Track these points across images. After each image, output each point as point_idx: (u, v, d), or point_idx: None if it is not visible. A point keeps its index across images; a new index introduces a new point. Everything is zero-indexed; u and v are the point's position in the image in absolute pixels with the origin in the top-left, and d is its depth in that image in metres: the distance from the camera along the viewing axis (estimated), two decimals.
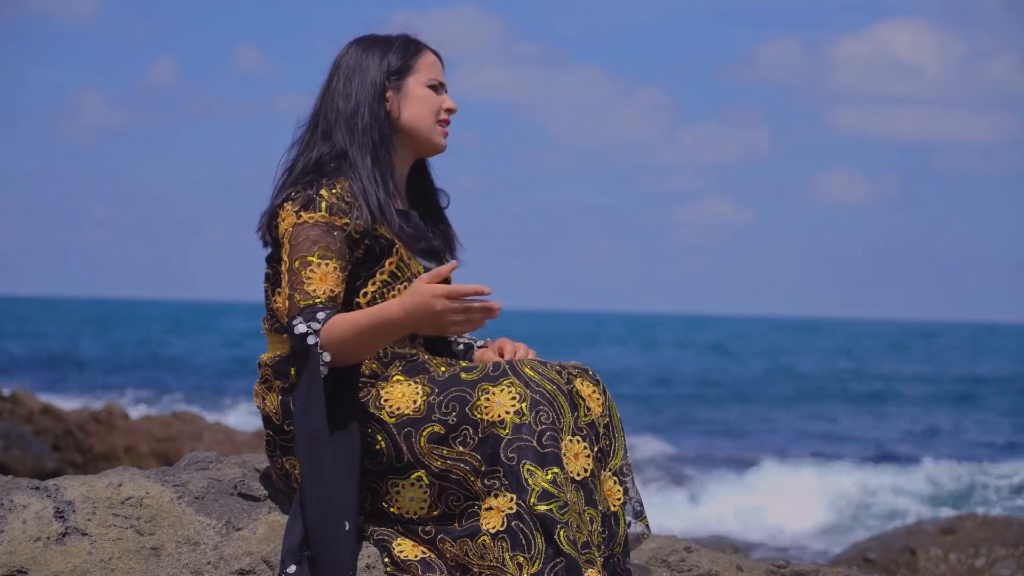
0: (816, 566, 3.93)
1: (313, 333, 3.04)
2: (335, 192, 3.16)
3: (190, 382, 30.22)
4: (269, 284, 3.26)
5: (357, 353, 3.08)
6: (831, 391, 33.34)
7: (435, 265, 3.32)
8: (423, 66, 3.34)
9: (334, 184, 3.18)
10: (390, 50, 3.33)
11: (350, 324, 3.04)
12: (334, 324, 3.04)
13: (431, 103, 3.33)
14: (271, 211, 3.23)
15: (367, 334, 3.05)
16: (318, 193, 3.15)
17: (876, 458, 18.42)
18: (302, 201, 3.15)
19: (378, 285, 3.20)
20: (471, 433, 3.04)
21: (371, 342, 3.07)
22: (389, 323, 3.04)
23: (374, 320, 3.04)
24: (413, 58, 3.34)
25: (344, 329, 3.04)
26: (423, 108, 3.32)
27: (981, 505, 14.17)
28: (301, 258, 3.10)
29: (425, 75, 3.34)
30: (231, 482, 3.39)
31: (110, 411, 14.38)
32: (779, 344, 65.48)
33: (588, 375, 3.19)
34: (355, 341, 3.05)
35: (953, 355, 56.95)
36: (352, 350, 3.06)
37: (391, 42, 3.35)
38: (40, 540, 3.17)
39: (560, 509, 2.97)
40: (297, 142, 3.31)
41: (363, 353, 3.09)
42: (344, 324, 3.04)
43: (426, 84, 3.33)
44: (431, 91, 3.34)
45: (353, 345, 3.05)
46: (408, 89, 3.32)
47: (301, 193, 3.17)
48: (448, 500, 3.06)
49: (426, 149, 3.35)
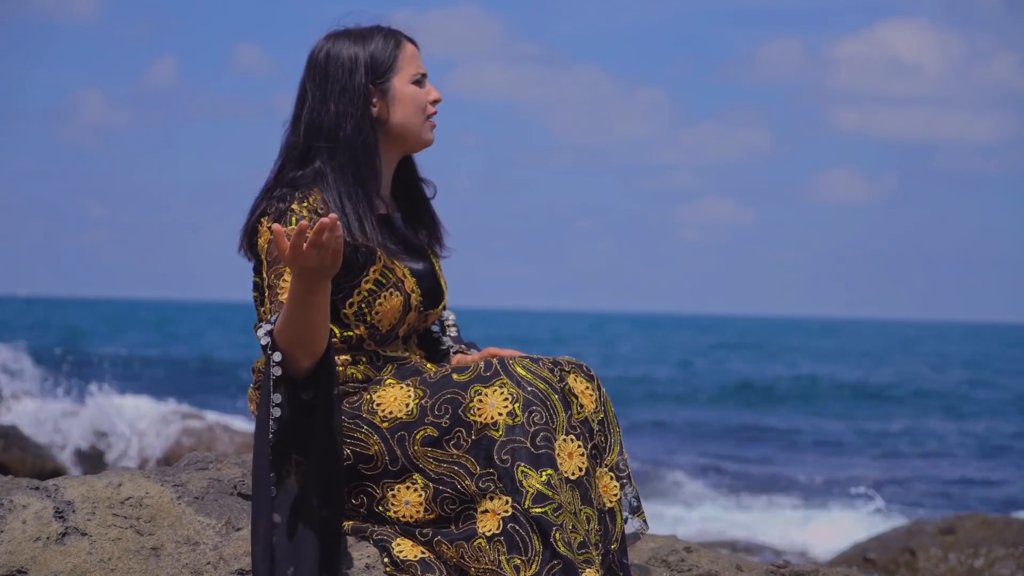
0: (816, 566, 3.93)
1: (267, 334, 2.98)
2: (306, 205, 3.12)
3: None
4: (258, 293, 3.23)
5: (299, 337, 2.93)
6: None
7: (420, 265, 3.29)
8: (405, 61, 3.24)
9: (306, 196, 3.13)
10: (369, 49, 3.21)
11: (283, 310, 2.95)
12: (278, 321, 2.97)
13: (418, 100, 3.25)
14: (249, 228, 3.18)
15: (292, 311, 2.92)
16: (289, 208, 3.11)
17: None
18: (275, 215, 3.11)
19: (364, 294, 3.17)
20: (464, 435, 3.04)
21: (300, 318, 2.92)
22: (295, 290, 2.90)
23: (290, 295, 2.92)
24: (394, 55, 3.23)
25: (281, 319, 2.96)
26: (411, 107, 3.24)
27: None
28: (276, 271, 3.07)
29: (408, 71, 3.25)
30: (231, 482, 3.39)
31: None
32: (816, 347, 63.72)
33: (582, 371, 3.17)
34: (290, 324, 2.93)
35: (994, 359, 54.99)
36: (293, 334, 2.93)
37: (369, 39, 3.23)
38: (40, 540, 3.17)
39: (555, 511, 2.97)
40: (280, 154, 3.24)
41: (305, 336, 2.93)
42: (281, 315, 2.96)
43: (410, 81, 3.25)
44: (416, 87, 3.26)
45: (291, 330, 2.93)
46: (394, 90, 3.23)
47: (274, 207, 3.13)
48: (444, 503, 3.06)
49: (415, 146, 3.30)
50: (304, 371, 2.99)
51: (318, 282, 2.89)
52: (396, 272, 3.21)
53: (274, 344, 2.97)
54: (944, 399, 31.02)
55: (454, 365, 3.17)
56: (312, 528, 2.99)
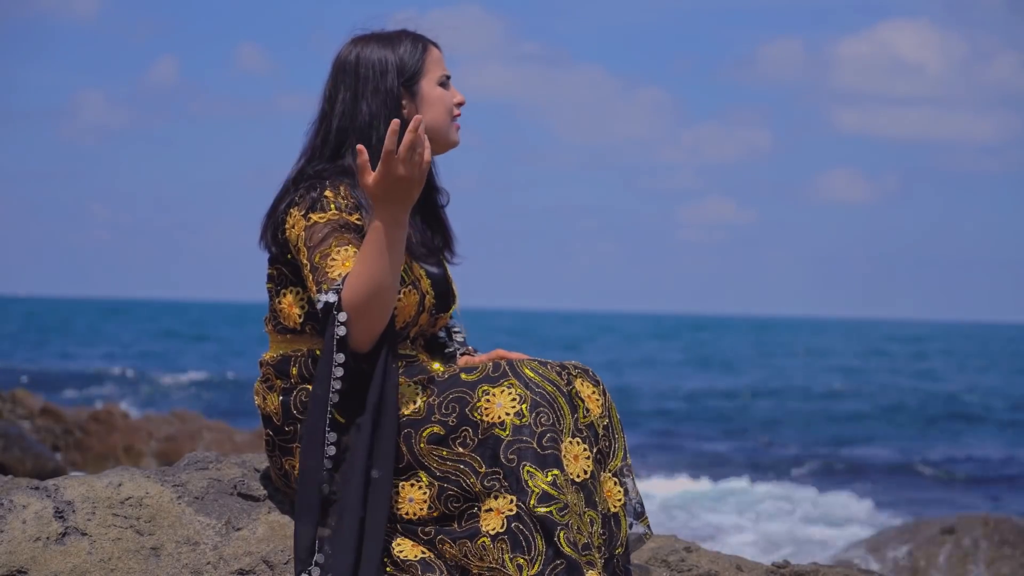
0: (816, 566, 3.93)
1: (334, 292, 2.96)
2: (340, 193, 3.13)
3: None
4: (273, 284, 3.24)
5: (376, 288, 2.93)
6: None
7: (436, 268, 3.31)
8: (432, 64, 3.29)
9: (337, 186, 3.14)
10: (398, 53, 3.26)
11: (357, 261, 2.96)
12: (350, 275, 2.97)
13: (445, 102, 3.29)
14: (276, 219, 3.18)
15: (369, 254, 2.93)
16: (322, 195, 3.12)
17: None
18: (308, 204, 3.12)
19: None
20: (471, 434, 3.04)
21: (379, 263, 2.92)
22: (376, 228, 2.92)
23: (368, 239, 2.94)
24: (422, 59, 3.28)
25: (354, 271, 2.95)
26: (439, 109, 3.27)
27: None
28: (320, 252, 3.06)
29: (435, 74, 3.29)
30: (231, 482, 3.39)
31: (110, 411, 14.38)
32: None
33: (588, 375, 3.18)
34: (366, 273, 2.93)
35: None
36: (370, 285, 2.93)
37: (396, 43, 3.28)
38: (40, 540, 3.17)
39: (560, 511, 2.96)
40: (305, 151, 3.26)
41: (382, 286, 2.93)
42: (353, 266, 2.97)
43: (437, 83, 3.29)
44: (442, 89, 3.30)
45: (366, 279, 2.93)
46: (423, 93, 3.26)
47: (305, 197, 3.13)
48: (448, 501, 3.05)
49: (442, 147, 3.32)
50: (363, 344, 2.98)
51: (403, 208, 2.92)
52: (414, 271, 3.22)
53: (339, 304, 2.95)
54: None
55: (462, 365, 3.18)
56: (362, 488, 2.98)
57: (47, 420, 14.19)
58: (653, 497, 14.38)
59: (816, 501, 14.88)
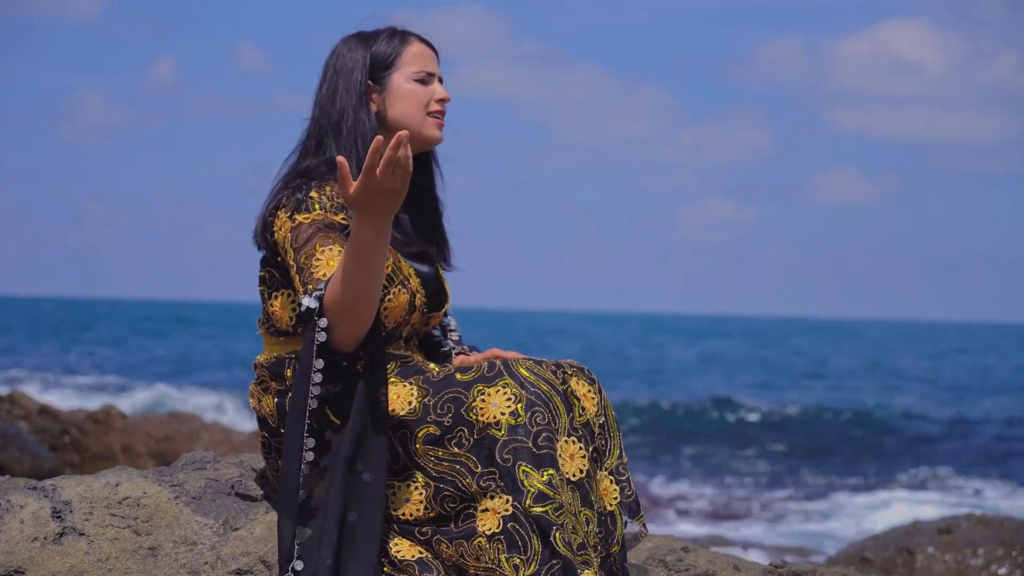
0: (813, 566, 3.93)
1: (315, 298, 2.97)
2: (325, 193, 3.14)
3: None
4: (265, 287, 3.25)
5: (356, 297, 2.93)
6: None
7: (427, 269, 3.31)
8: (408, 59, 3.29)
9: (323, 186, 3.15)
10: (372, 47, 3.29)
11: (338, 268, 2.95)
12: (331, 281, 2.97)
13: (417, 97, 3.28)
14: (264, 218, 3.20)
15: (350, 263, 2.92)
16: (308, 196, 3.13)
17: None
18: (293, 205, 3.13)
19: None
20: (466, 434, 3.04)
21: (359, 271, 2.91)
22: (357, 238, 2.91)
23: (348, 247, 2.93)
24: (397, 52, 3.29)
25: (335, 278, 2.96)
26: (409, 104, 3.27)
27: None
28: (305, 253, 3.07)
29: (411, 68, 3.28)
30: (228, 482, 3.39)
31: (107, 411, 14.36)
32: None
33: (584, 374, 3.18)
34: (347, 280, 2.92)
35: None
36: (350, 292, 2.93)
37: (374, 38, 3.31)
38: (37, 540, 3.17)
39: (556, 511, 2.97)
40: (296, 148, 3.30)
41: (361, 294, 2.93)
42: (335, 274, 2.97)
43: (412, 78, 3.28)
44: (418, 84, 3.28)
45: (347, 286, 2.92)
46: (393, 86, 3.28)
47: (291, 198, 3.14)
48: (444, 502, 3.06)
49: (419, 143, 3.30)
50: (347, 345, 2.98)
51: (384, 219, 2.89)
52: (403, 269, 3.23)
53: (321, 310, 2.97)
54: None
55: (457, 365, 3.18)
56: (344, 489, 2.98)
57: (45, 420, 14.17)
58: (652, 497, 14.38)
59: (816, 501, 14.88)
